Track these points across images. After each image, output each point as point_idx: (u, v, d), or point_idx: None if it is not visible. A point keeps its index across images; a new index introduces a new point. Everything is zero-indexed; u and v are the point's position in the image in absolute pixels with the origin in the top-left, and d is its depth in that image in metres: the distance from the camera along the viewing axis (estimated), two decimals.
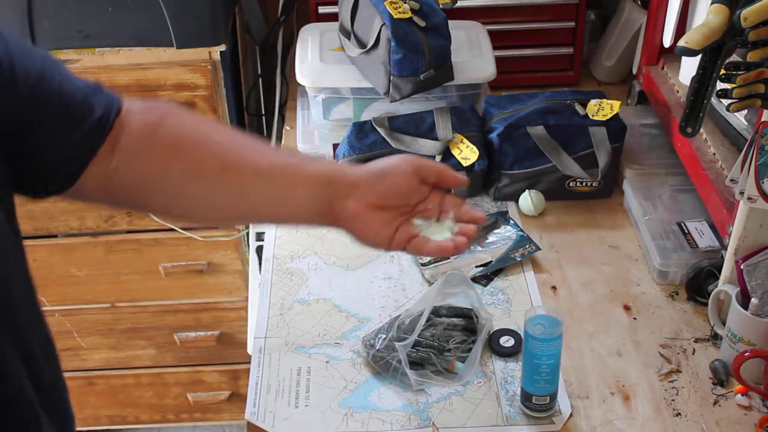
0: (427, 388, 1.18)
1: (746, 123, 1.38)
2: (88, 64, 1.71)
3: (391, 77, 1.53)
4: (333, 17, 1.78)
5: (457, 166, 1.52)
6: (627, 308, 1.34)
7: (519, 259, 1.41)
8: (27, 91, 0.79)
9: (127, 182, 0.89)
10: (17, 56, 0.78)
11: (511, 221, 1.49)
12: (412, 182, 0.95)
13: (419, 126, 1.55)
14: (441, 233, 0.96)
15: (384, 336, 1.22)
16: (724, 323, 1.23)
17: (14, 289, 0.79)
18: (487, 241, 1.45)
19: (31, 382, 0.80)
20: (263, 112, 2.25)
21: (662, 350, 1.25)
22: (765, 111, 1.17)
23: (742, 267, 1.19)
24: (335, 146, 1.61)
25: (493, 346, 1.25)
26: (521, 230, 1.47)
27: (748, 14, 1.06)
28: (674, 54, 1.17)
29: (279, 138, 1.86)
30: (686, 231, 1.42)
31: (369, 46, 1.56)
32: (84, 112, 0.86)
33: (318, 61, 1.66)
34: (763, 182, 1.13)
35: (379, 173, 0.94)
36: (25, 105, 0.79)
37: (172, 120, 0.91)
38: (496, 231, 1.46)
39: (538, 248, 1.43)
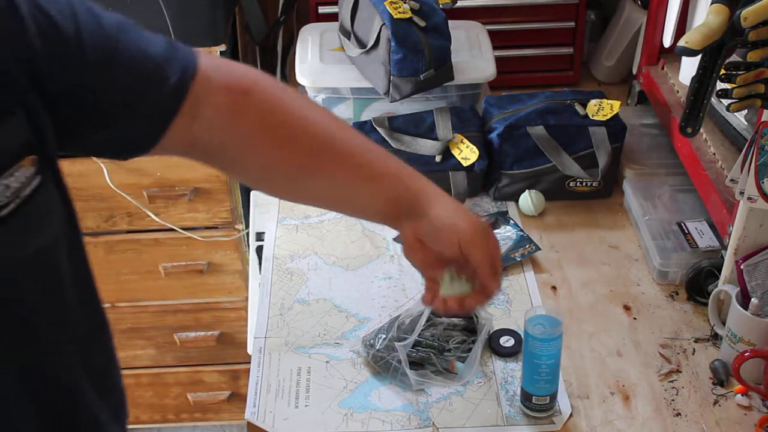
0: (427, 388, 1.18)
1: (746, 123, 1.38)
2: None
3: (391, 77, 1.53)
4: (333, 17, 1.78)
5: (457, 166, 1.52)
6: (627, 308, 1.34)
7: (519, 259, 1.41)
8: (97, 61, 0.80)
9: (210, 148, 0.90)
10: (85, 26, 0.79)
11: (511, 221, 1.49)
12: (455, 249, 0.98)
13: (419, 126, 1.55)
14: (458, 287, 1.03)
15: (384, 336, 1.22)
16: (724, 323, 1.23)
17: (62, 263, 0.80)
18: None
19: (82, 363, 0.82)
20: None
21: (662, 350, 1.25)
22: (765, 111, 1.17)
23: (742, 267, 1.19)
24: None
25: (493, 346, 1.25)
26: (521, 230, 1.47)
27: (748, 14, 1.06)
28: (674, 54, 1.17)
29: None
30: (686, 231, 1.42)
31: (369, 46, 1.56)
32: (159, 77, 0.87)
33: (318, 61, 1.66)
34: (763, 182, 1.13)
35: (438, 225, 0.98)
36: (96, 74, 0.80)
37: (261, 91, 0.92)
38: (496, 231, 1.46)
39: (538, 248, 1.43)
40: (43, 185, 0.75)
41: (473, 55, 1.67)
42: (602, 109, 1.51)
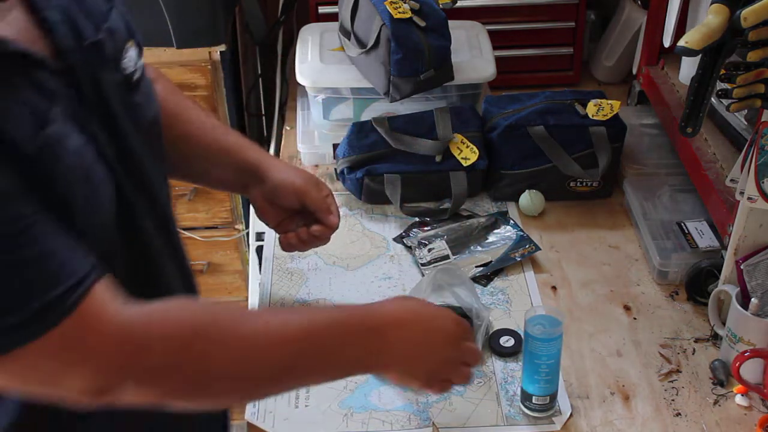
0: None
1: (746, 123, 1.38)
2: None
3: (391, 77, 1.53)
4: (333, 17, 1.78)
5: (457, 165, 1.52)
6: (627, 308, 1.34)
7: (519, 259, 1.41)
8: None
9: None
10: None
11: (511, 221, 1.49)
12: (293, 201, 1.22)
13: (419, 126, 1.55)
14: None
15: None
16: (724, 323, 1.23)
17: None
18: (486, 241, 1.45)
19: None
20: (263, 112, 2.25)
21: (662, 350, 1.25)
22: (765, 111, 1.17)
23: (742, 267, 1.19)
24: (335, 146, 1.61)
25: (493, 346, 1.25)
26: (521, 230, 1.47)
27: (748, 14, 1.06)
28: (674, 54, 1.17)
29: (279, 138, 1.86)
30: (686, 231, 1.42)
31: (369, 46, 1.56)
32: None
33: (318, 61, 1.66)
34: (763, 182, 1.13)
35: (277, 184, 1.20)
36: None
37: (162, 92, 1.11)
38: (496, 231, 1.47)
39: (538, 248, 1.43)
40: (143, 66, 0.99)
41: (473, 55, 1.67)
42: (602, 109, 1.51)
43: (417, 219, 1.52)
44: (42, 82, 0.81)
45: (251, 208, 1.59)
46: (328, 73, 1.64)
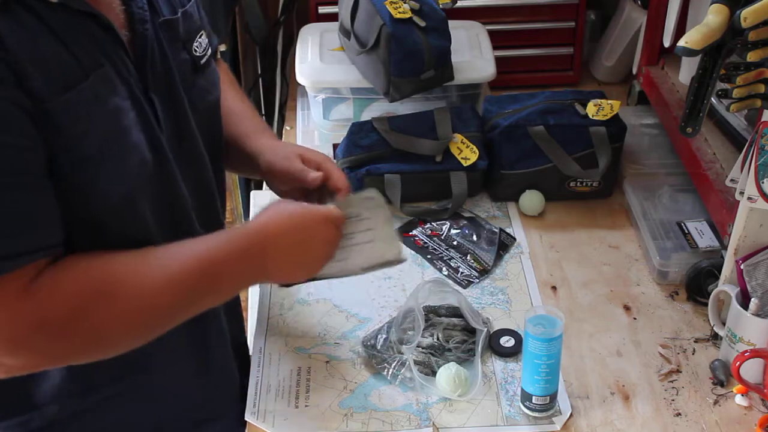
0: (431, 389, 1.18)
1: (746, 123, 1.38)
2: None
3: (391, 77, 1.53)
4: (333, 17, 1.78)
5: (457, 165, 1.52)
6: (627, 308, 1.34)
7: (504, 254, 1.41)
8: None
9: None
10: None
11: (488, 225, 1.49)
12: (285, 184, 1.20)
13: (419, 126, 1.55)
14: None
15: (384, 336, 1.22)
16: (724, 323, 1.23)
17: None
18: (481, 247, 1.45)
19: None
20: (263, 112, 2.25)
21: (662, 350, 1.25)
22: (765, 111, 1.17)
23: (742, 267, 1.19)
24: (335, 146, 1.61)
25: (493, 346, 1.25)
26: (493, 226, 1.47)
27: (748, 14, 1.06)
28: (674, 54, 1.17)
29: (279, 138, 1.85)
30: (686, 231, 1.42)
31: (369, 46, 1.56)
32: (210, 36, 1.16)
33: (318, 61, 1.66)
34: (763, 182, 1.13)
35: (265, 172, 1.20)
36: None
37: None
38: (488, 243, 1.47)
39: (513, 238, 1.46)
40: (211, 54, 1.11)
41: (473, 55, 1.68)
42: (602, 109, 1.51)
43: (417, 219, 1.52)
44: (101, 42, 0.90)
45: (251, 207, 1.60)
46: (328, 73, 1.64)
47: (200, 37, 1.08)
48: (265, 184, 1.25)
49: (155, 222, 0.99)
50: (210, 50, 1.11)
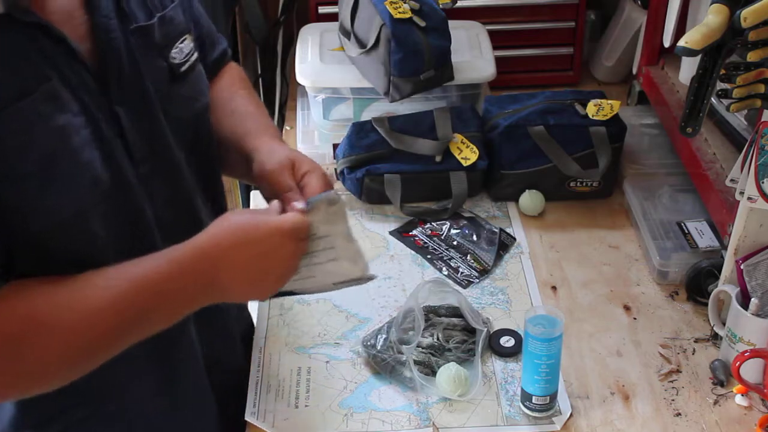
0: (431, 389, 1.18)
1: (746, 123, 1.38)
2: None
3: (391, 77, 1.53)
4: (333, 17, 1.78)
5: (457, 165, 1.52)
6: (627, 308, 1.34)
7: (504, 254, 1.41)
8: (195, 17, 1.10)
9: None
10: None
11: (488, 225, 1.49)
12: (269, 192, 1.06)
13: (419, 126, 1.55)
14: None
15: (384, 336, 1.22)
16: (724, 323, 1.23)
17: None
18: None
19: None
20: None
21: (662, 350, 1.25)
22: (765, 111, 1.17)
23: (742, 267, 1.19)
24: (335, 146, 1.61)
25: (493, 346, 1.25)
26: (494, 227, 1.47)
27: (748, 14, 1.06)
28: (674, 54, 1.17)
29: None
30: (686, 231, 1.42)
31: (369, 46, 1.56)
32: (215, 40, 1.18)
33: (318, 61, 1.66)
34: (763, 182, 1.13)
35: (256, 177, 1.07)
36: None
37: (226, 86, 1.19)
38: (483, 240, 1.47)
39: (513, 238, 1.46)
40: (197, 60, 1.05)
41: (473, 55, 1.68)
42: (602, 109, 1.51)
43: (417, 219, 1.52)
44: (52, 55, 0.85)
45: (251, 207, 1.59)
46: (328, 73, 1.64)
47: (182, 43, 1.01)
48: None
49: (111, 240, 0.93)
50: (195, 56, 1.04)
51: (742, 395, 1.17)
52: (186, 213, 1.04)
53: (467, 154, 1.52)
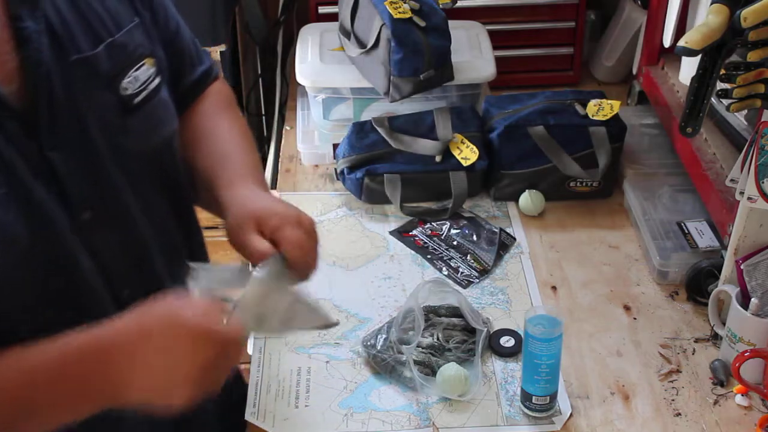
0: (431, 390, 1.18)
1: (746, 123, 1.38)
2: None
3: (391, 77, 1.53)
4: (333, 17, 1.78)
5: (457, 165, 1.52)
6: (627, 308, 1.34)
7: (504, 254, 1.41)
8: (168, 37, 1.01)
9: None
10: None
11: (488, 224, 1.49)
12: (244, 238, 0.96)
13: (419, 126, 1.55)
14: None
15: (384, 336, 1.22)
16: (724, 323, 1.23)
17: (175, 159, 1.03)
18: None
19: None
20: (263, 112, 2.25)
21: (662, 350, 1.25)
22: (765, 111, 1.17)
23: (742, 267, 1.19)
24: (335, 146, 1.61)
25: (493, 346, 1.25)
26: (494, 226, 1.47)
27: (748, 14, 1.06)
28: (674, 54, 1.17)
29: (279, 138, 1.86)
30: (686, 231, 1.42)
31: (369, 46, 1.56)
32: (196, 59, 1.09)
33: (318, 61, 1.66)
34: (763, 182, 1.13)
35: (228, 221, 0.98)
36: (167, 46, 1.00)
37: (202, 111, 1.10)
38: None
39: (513, 238, 1.46)
40: (161, 86, 0.95)
41: (473, 55, 1.67)
42: (602, 109, 1.51)
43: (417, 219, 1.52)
44: None
45: None
46: (328, 73, 1.64)
47: (137, 70, 0.90)
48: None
49: (34, 304, 0.83)
50: (155, 82, 0.94)
51: (742, 395, 1.17)
52: (140, 259, 0.94)
53: (467, 154, 1.52)
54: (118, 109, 0.89)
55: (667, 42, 1.58)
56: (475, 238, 1.46)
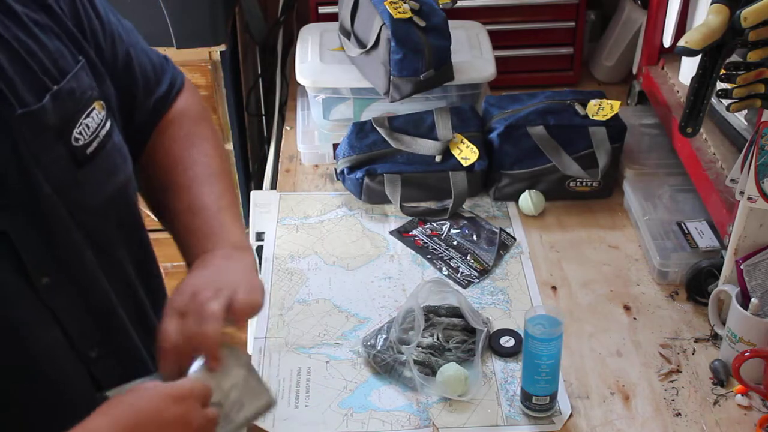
0: (431, 390, 1.18)
1: (746, 123, 1.38)
2: None
3: (391, 77, 1.53)
4: (333, 17, 1.78)
5: (457, 166, 1.52)
6: (627, 308, 1.34)
7: (504, 254, 1.41)
8: (118, 68, 0.94)
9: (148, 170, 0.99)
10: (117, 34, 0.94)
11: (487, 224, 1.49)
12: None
13: (419, 126, 1.55)
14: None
15: (384, 336, 1.22)
16: (724, 323, 1.23)
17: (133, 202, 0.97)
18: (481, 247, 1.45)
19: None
20: (263, 112, 2.25)
21: (662, 350, 1.25)
22: (765, 111, 1.17)
23: (742, 267, 1.19)
24: (335, 146, 1.61)
25: (493, 346, 1.25)
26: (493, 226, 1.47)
27: (748, 14, 1.06)
28: (674, 54, 1.17)
29: (279, 138, 1.86)
30: (686, 231, 1.42)
31: (369, 46, 1.56)
32: (159, 73, 1.01)
33: (318, 61, 1.66)
34: (763, 182, 1.13)
35: (189, 275, 0.92)
36: (116, 79, 0.92)
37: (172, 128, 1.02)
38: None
39: (513, 238, 1.46)
40: (113, 129, 0.87)
41: (473, 55, 1.67)
42: (602, 109, 1.51)
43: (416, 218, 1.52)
44: None
45: (251, 206, 1.59)
46: (328, 73, 1.64)
47: (88, 117, 0.83)
48: (266, 184, 1.19)
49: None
50: (107, 126, 0.86)
51: (742, 395, 1.17)
52: (105, 316, 0.89)
53: (467, 154, 1.52)
54: (70, 162, 0.82)
55: (667, 42, 1.58)
56: (475, 238, 1.46)
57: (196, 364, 0.85)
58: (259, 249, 1.57)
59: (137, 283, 0.96)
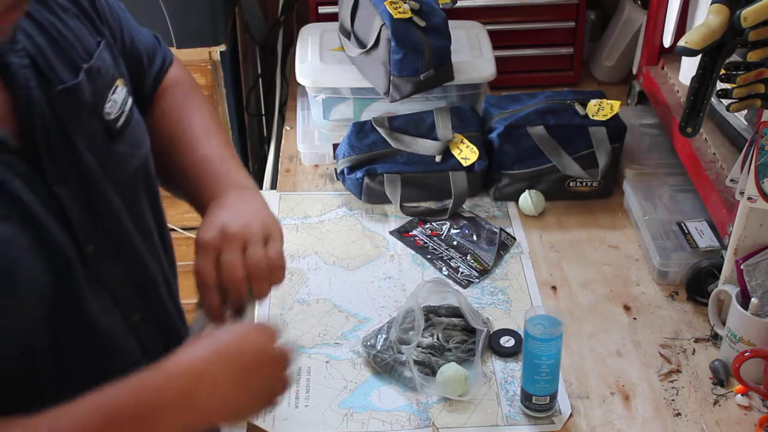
0: (431, 390, 1.18)
1: (746, 123, 1.38)
2: None
3: (391, 77, 1.53)
4: (333, 17, 1.78)
5: (457, 166, 1.52)
6: (627, 308, 1.34)
7: (504, 254, 1.41)
8: (127, 49, 0.99)
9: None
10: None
11: (487, 224, 1.49)
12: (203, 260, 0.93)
13: (419, 126, 1.55)
14: None
15: (384, 336, 1.22)
16: (724, 323, 1.23)
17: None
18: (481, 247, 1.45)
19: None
20: (263, 112, 2.25)
21: (662, 350, 1.25)
22: (765, 111, 1.17)
23: (742, 267, 1.19)
24: (335, 146, 1.61)
25: (493, 346, 1.25)
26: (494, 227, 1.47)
27: (748, 14, 1.06)
28: (674, 54, 1.17)
29: (279, 138, 1.86)
30: (686, 231, 1.42)
31: (369, 46, 1.56)
32: (153, 52, 1.06)
33: (318, 61, 1.66)
34: (763, 182, 1.13)
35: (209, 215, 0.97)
36: (126, 57, 0.98)
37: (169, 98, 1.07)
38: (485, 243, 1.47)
39: (513, 238, 1.46)
40: (134, 106, 0.93)
41: (473, 55, 1.67)
42: (602, 109, 1.51)
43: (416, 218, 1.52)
44: None
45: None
46: (328, 73, 1.64)
47: (114, 93, 0.88)
48: (266, 184, 1.20)
49: (56, 344, 0.81)
50: (129, 103, 0.92)
51: (742, 395, 1.17)
52: (143, 284, 0.94)
53: (467, 154, 1.52)
54: (104, 135, 0.86)
55: (667, 42, 1.58)
56: (475, 238, 1.46)
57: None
58: None
59: (162, 254, 1.01)
